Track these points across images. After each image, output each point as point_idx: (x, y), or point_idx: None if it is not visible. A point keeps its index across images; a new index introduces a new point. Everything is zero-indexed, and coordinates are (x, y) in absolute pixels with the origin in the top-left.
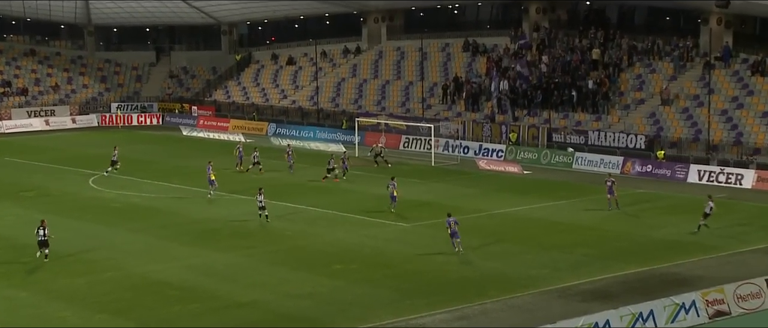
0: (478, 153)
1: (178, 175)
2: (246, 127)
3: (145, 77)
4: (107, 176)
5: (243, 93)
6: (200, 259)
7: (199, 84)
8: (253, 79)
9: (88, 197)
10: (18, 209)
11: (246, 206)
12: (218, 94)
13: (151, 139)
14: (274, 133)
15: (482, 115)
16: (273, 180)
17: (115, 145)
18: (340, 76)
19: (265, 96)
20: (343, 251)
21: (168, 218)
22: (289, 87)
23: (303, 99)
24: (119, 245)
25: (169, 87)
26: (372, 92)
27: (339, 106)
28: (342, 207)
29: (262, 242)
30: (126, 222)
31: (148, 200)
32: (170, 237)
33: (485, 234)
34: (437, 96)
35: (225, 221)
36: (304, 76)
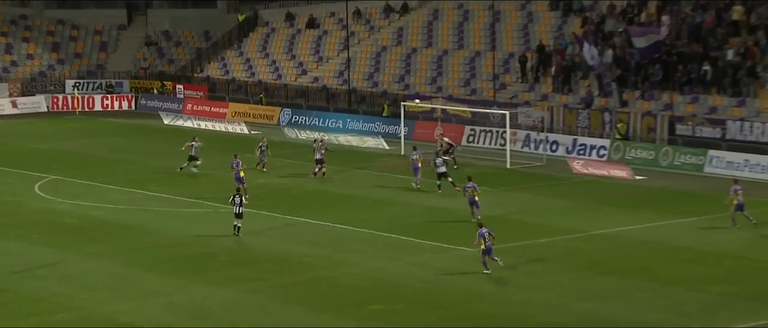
0: (572, 151)
1: (156, 179)
2: (250, 114)
3: (113, 45)
4: (180, 173)
5: (246, 67)
6: (186, 295)
7: (187, 54)
8: (260, 47)
9: (34, 209)
10: None
11: (252, 221)
12: (212, 69)
13: (119, 130)
14: (289, 122)
15: (577, 98)
16: (287, 187)
17: (194, 136)
18: (379, 44)
19: (276, 71)
20: (383, 285)
21: (142, 238)
22: (310, 59)
23: (329, 76)
24: (75, 275)
25: (144, 58)
26: (424, 66)
27: (378, 86)
28: (382, 224)
29: (273, 272)
30: (85, 244)
31: (116, 214)
32: (145, 265)
33: (581, 264)
34: (514, 72)
35: (222, 243)
36: (331, 44)
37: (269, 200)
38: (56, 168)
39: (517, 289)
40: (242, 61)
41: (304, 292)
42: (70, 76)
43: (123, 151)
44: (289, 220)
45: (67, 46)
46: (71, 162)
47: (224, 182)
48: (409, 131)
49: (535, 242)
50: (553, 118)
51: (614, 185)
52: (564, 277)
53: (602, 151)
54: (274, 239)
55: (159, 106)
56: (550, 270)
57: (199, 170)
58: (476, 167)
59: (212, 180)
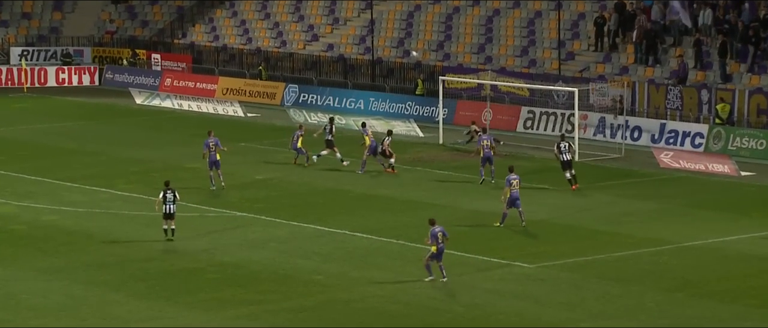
0: (659, 139)
1: (125, 174)
2: (246, 92)
3: (71, 2)
4: (315, 162)
5: (241, 31)
6: (164, 323)
7: (166, 15)
8: (258, 6)
9: None
10: None
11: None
12: (198, 34)
13: (79, 112)
14: (296, 103)
15: (666, 71)
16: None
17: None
18: (411, 3)
19: (279, 37)
20: (415, 310)
21: (107, 250)
22: (323, 21)
23: (346, 43)
24: (23, 296)
25: (111, 20)
26: (468, 31)
27: (410, 56)
28: (414, 233)
29: (275, 294)
30: (36, 256)
31: (74, 219)
32: (112, 284)
33: (670, 284)
34: (585, 37)
35: (211, 256)
36: (349, 3)
37: (271, 201)
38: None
39: (588, 315)
40: (236, 24)
41: (314, 318)
42: (16, 42)
43: (84, 138)
44: (295, 227)
45: (12, 4)
46: (18, 153)
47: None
48: (450, 113)
49: (610, 255)
50: (635, 97)
51: (713, 183)
52: (648, 300)
53: (698, 139)
54: (277, 252)
55: (129, 81)
56: (629, 292)
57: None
58: (536, 160)
59: (197, 176)
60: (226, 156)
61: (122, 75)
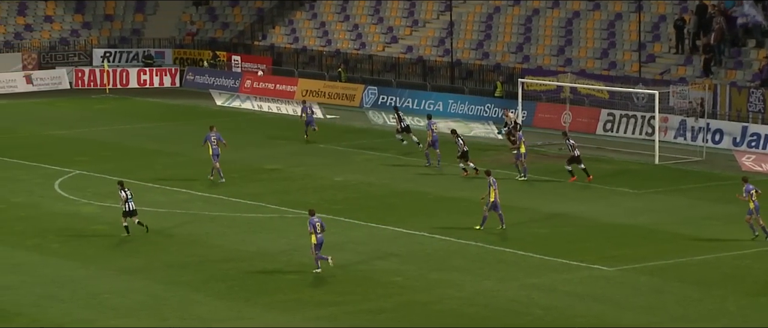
0: (741, 142)
1: (206, 175)
2: (325, 94)
3: (152, 5)
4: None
5: (321, 33)
6: (245, 322)
7: (246, 17)
8: (338, 9)
9: (54, 212)
10: None
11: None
12: (278, 36)
13: (160, 113)
14: (375, 104)
15: (749, 73)
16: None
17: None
18: (491, 4)
19: (359, 39)
20: (495, 313)
21: (188, 250)
22: (402, 23)
23: (426, 45)
24: (105, 296)
25: (192, 22)
26: (548, 33)
27: (489, 58)
28: (493, 235)
29: (354, 295)
30: (116, 257)
31: (155, 219)
32: (192, 284)
33: (753, 288)
34: (666, 39)
35: (290, 257)
36: (429, 4)
37: (349, 203)
38: (81, 161)
39: (668, 319)
40: (315, 26)
41: (393, 320)
42: (98, 44)
43: (164, 139)
44: (374, 229)
45: (95, 6)
46: (100, 153)
47: (292, 179)
48: (529, 116)
49: (691, 259)
50: (717, 99)
51: None
52: (730, 304)
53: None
54: (355, 253)
55: (210, 82)
56: (711, 296)
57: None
58: (615, 163)
59: (277, 177)
60: (305, 158)
61: (203, 76)
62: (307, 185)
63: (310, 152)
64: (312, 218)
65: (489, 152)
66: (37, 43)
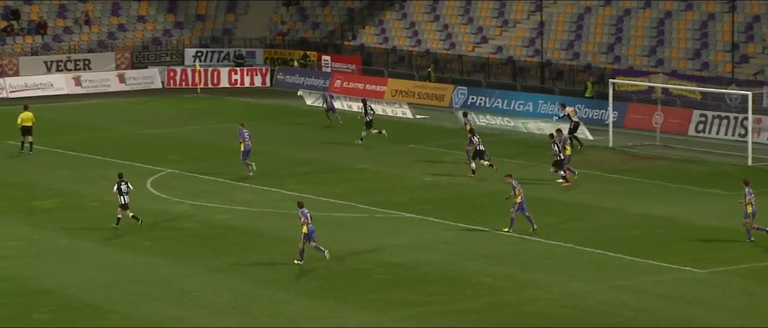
0: None
1: (296, 174)
2: (415, 94)
3: (244, 5)
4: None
5: (411, 34)
6: (333, 321)
7: (336, 17)
8: (428, 9)
9: (146, 211)
10: (28, 228)
11: (417, 230)
12: (368, 36)
13: (250, 113)
14: (464, 104)
15: None
16: (462, 187)
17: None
18: (582, 4)
19: (448, 40)
20: (584, 314)
21: (278, 249)
22: (493, 24)
23: (516, 45)
24: (196, 293)
25: (283, 22)
26: (639, 33)
27: (580, 58)
28: (582, 236)
29: (443, 295)
30: (208, 254)
31: (246, 218)
32: (281, 283)
33: None
34: (760, 40)
35: (379, 257)
36: (519, 4)
37: (439, 203)
38: (173, 160)
39: (762, 322)
40: (405, 26)
41: (482, 320)
42: (190, 43)
43: (255, 139)
44: (463, 229)
45: (187, 6)
46: (191, 153)
47: (381, 179)
48: (620, 116)
49: None
50: None
51: None
52: None
53: None
54: (445, 253)
55: (300, 82)
56: None
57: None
58: (707, 164)
59: (367, 177)
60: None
61: (293, 76)
62: (396, 184)
63: (399, 152)
64: (302, 210)
65: (581, 152)
66: (130, 43)
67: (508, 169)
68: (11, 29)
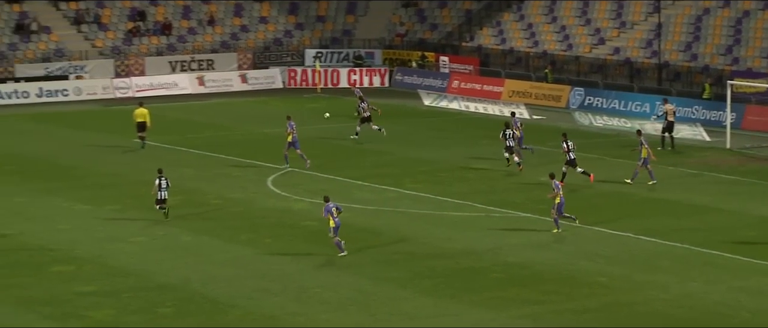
0: None
1: (413, 173)
2: (532, 94)
3: (363, 6)
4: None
5: (528, 35)
6: (449, 319)
7: (454, 18)
8: (545, 10)
9: (267, 208)
10: (153, 228)
11: (532, 230)
12: (485, 37)
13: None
14: (581, 105)
15: None
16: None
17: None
18: (700, 5)
19: (566, 41)
20: (701, 315)
21: (396, 247)
22: (610, 25)
23: (633, 46)
24: (315, 290)
25: (402, 23)
26: (759, 35)
27: (697, 60)
28: (700, 237)
29: (559, 295)
30: (325, 252)
31: (364, 216)
32: (399, 280)
33: None
34: None
35: (495, 256)
36: (637, 5)
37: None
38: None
39: None
40: (523, 28)
41: (597, 320)
42: (310, 44)
43: (373, 139)
44: (579, 229)
45: (308, 7)
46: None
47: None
48: (738, 118)
49: None
50: None
51: None
52: None
53: None
54: (561, 253)
55: (418, 83)
56: None
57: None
58: None
59: (483, 177)
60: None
61: (411, 77)
62: (513, 184)
63: None
64: (328, 205)
65: (697, 154)
66: (252, 44)
67: (623, 170)
68: (137, 30)
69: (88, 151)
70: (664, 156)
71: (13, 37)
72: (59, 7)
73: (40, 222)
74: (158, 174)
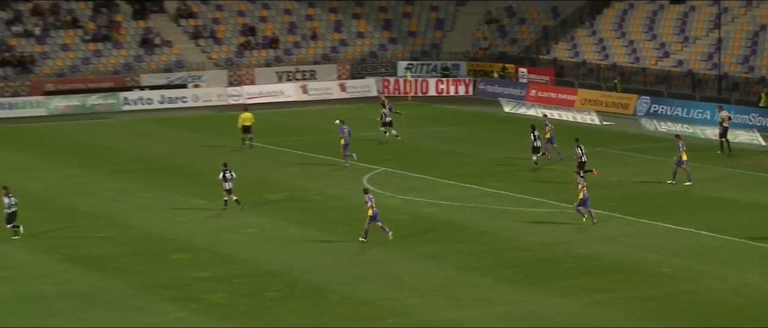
0: None
1: (495, 174)
2: (602, 102)
3: (450, 22)
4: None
5: (599, 48)
6: (527, 305)
7: (532, 34)
8: (615, 26)
9: (362, 204)
10: (261, 218)
11: (602, 225)
12: (560, 50)
13: (455, 118)
14: (647, 113)
15: None
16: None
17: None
18: (757, 21)
19: (633, 54)
20: (757, 303)
21: (478, 240)
22: (674, 40)
23: (695, 59)
24: (405, 277)
25: (485, 38)
26: None
27: (754, 72)
28: (755, 232)
29: (626, 283)
30: (414, 243)
31: (449, 212)
32: (481, 269)
33: None
34: None
35: (568, 248)
36: (699, 21)
37: (622, 201)
38: (386, 159)
39: None
40: (594, 42)
41: (661, 307)
42: (402, 56)
43: (458, 141)
44: (644, 224)
45: (401, 23)
46: (402, 153)
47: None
48: None
49: None
50: None
51: None
52: None
53: None
54: (628, 246)
55: (499, 91)
56: None
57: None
58: None
59: (558, 177)
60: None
61: (493, 86)
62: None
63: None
64: (368, 195)
65: (753, 157)
66: (350, 56)
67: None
68: (248, 44)
69: (203, 151)
70: (722, 159)
71: (139, 50)
72: (180, 23)
73: (162, 215)
74: (223, 167)
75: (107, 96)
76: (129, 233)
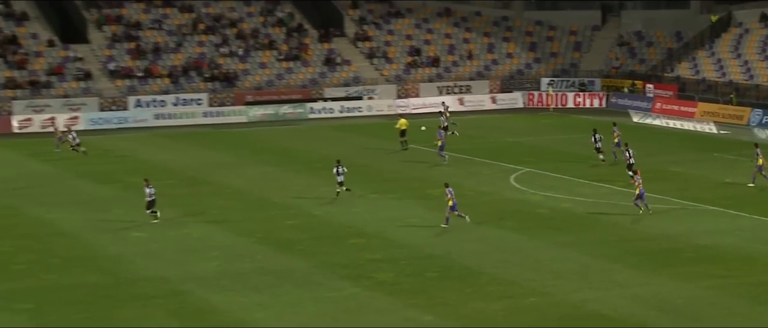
0: None
1: (624, 175)
2: (719, 114)
3: (586, 45)
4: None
5: (717, 67)
6: (652, 288)
7: (658, 54)
8: (732, 47)
9: (509, 199)
10: (423, 210)
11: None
12: (683, 69)
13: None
14: (760, 123)
15: None
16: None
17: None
18: None
19: (748, 72)
20: None
21: (609, 231)
22: None
23: None
24: (545, 262)
25: (616, 58)
26: None
27: None
28: None
29: (739, 270)
30: (554, 233)
31: (584, 207)
32: (611, 256)
33: None
34: None
35: (688, 239)
36: None
37: (737, 199)
38: (530, 161)
39: None
40: (713, 62)
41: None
42: (545, 74)
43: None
44: (757, 220)
45: (544, 45)
46: (544, 156)
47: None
48: None
49: None
50: None
51: None
52: None
53: None
54: (742, 239)
55: (629, 104)
56: None
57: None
58: None
59: (680, 178)
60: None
61: (623, 100)
62: (703, 183)
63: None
64: (448, 189)
65: None
66: (501, 73)
67: None
68: (414, 63)
69: (375, 153)
70: None
71: (323, 67)
72: (357, 45)
73: (339, 205)
74: (337, 164)
75: (296, 106)
76: (313, 221)
